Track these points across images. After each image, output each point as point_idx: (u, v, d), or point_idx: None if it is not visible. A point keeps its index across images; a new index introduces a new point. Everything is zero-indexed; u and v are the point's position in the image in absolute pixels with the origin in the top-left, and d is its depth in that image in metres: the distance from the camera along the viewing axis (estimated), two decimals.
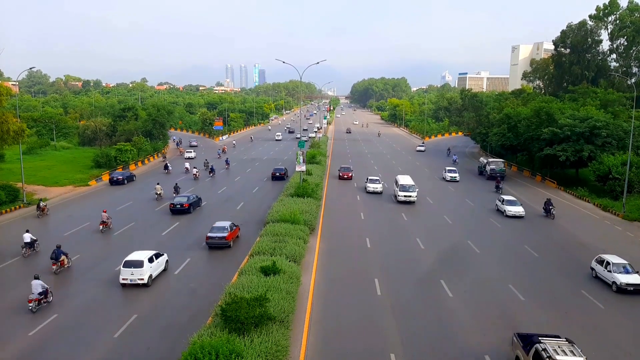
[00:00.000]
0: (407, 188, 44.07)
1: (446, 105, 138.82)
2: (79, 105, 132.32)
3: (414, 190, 43.74)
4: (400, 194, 43.92)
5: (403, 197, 43.53)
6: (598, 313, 22.14)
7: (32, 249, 29.17)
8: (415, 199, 43.46)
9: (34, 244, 29.29)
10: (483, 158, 67.43)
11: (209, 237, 30.43)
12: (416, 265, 27.97)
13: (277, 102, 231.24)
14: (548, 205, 40.40)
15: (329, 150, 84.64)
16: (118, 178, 52.99)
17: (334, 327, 20.16)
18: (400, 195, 43.84)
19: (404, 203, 43.45)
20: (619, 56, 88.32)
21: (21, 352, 18.11)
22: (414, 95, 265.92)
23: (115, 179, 52.92)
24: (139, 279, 23.89)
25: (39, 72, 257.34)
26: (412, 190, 43.74)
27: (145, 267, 24.06)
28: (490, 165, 58.66)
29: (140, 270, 23.92)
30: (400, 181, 45.87)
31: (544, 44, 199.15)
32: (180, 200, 39.37)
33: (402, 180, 45.91)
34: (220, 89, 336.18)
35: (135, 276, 23.88)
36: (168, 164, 63.33)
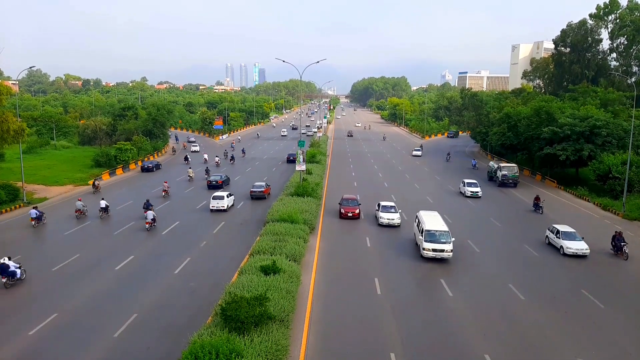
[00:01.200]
0: (439, 236, 27.94)
1: (446, 105, 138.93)
2: (79, 105, 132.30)
3: (448, 241, 27.59)
4: (428, 246, 27.66)
5: (432, 251, 27.43)
6: (598, 312, 22.13)
7: (107, 213, 38.05)
8: (450, 255, 27.61)
9: (107, 209, 38.17)
10: (493, 162, 59.34)
11: (252, 191, 44.77)
12: (416, 265, 27.99)
13: (277, 102, 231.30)
14: (619, 242, 30.14)
15: (329, 149, 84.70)
16: (149, 166, 61.82)
17: (334, 327, 20.17)
18: (427, 247, 27.65)
19: (433, 260, 27.99)
20: (619, 55, 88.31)
21: (21, 352, 18.15)
22: (414, 94, 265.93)
23: (146, 166, 61.63)
24: (221, 207, 39.27)
25: (38, 71, 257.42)
26: (446, 241, 27.58)
27: (225, 200, 39.71)
28: (502, 171, 53.48)
29: (222, 201, 39.38)
30: (426, 223, 29.08)
31: (544, 43, 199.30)
32: (215, 178, 50.75)
33: (430, 222, 29.32)
34: (220, 88, 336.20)
35: (219, 205, 39.31)
36: (188, 155, 71.55)
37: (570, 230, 31.12)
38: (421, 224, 29.52)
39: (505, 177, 53.09)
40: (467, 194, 47.12)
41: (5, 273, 23.74)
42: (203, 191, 48.39)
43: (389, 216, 35.37)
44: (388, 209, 36.32)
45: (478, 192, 46.94)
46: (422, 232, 28.60)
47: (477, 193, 46.93)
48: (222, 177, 50.92)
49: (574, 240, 30.10)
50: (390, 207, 36.64)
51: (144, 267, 26.98)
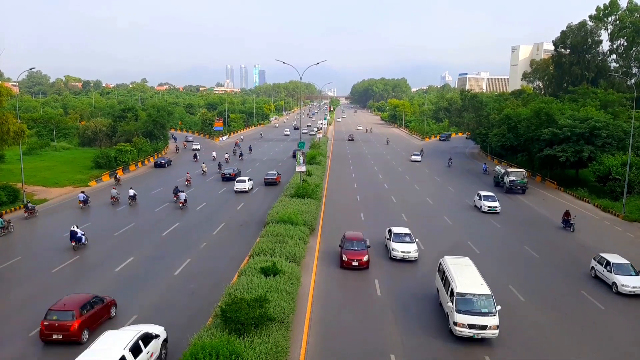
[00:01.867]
0: (478, 304, 19.24)
1: (446, 106, 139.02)
2: (79, 106, 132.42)
3: (492, 311, 18.99)
4: (462, 319, 18.95)
5: (468, 327, 18.82)
6: (598, 314, 22.12)
7: (134, 200, 43.29)
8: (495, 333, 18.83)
9: (135, 197, 43.62)
10: (500, 167, 56.77)
11: (266, 178, 53.38)
12: (416, 265, 27.97)
13: (277, 103, 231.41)
14: None
15: (329, 150, 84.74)
16: (161, 162, 67.37)
17: (334, 328, 20.16)
18: (460, 321, 18.95)
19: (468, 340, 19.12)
20: (619, 57, 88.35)
21: (21, 351, 18.15)
22: (414, 95, 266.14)
23: (159, 162, 67.27)
24: (244, 189, 47.95)
25: (39, 72, 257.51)
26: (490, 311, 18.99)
27: (247, 183, 48.79)
28: (510, 176, 50.49)
29: (244, 184, 48.37)
30: (456, 280, 20.24)
31: (543, 44, 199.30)
32: (229, 171, 56.75)
33: (462, 278, 20.43)
34: (220, 90, 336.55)
35: (242, 187, 48.10)
36: (197, 153, 76.80)
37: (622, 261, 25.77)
38: (450, 281, 20.39)
39: (513, 183, 50.11)
40: (484, 209, 41.45)
41: (74, 238, 29.78)
42: (218, 182, 55.09)
43: (404, 248, 28.69)
44: (402, 237, 29.61)
45: (496, 208, 41.32)
46: (452, 294, 19.57)
47: (496, 209, 41.29)
48: (234, 170, 57.32)
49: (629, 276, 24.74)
50: (405, 235, 29.95)
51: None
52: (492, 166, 65.46)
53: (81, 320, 18.65)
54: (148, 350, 16.40)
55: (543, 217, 40.85)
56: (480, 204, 42.36)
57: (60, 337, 18.27)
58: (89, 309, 19.32)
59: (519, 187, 50.15)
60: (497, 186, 53.58)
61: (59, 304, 19.17)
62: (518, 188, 50.17)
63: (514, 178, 50.34)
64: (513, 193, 50.18)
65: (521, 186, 50.17)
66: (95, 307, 19.69)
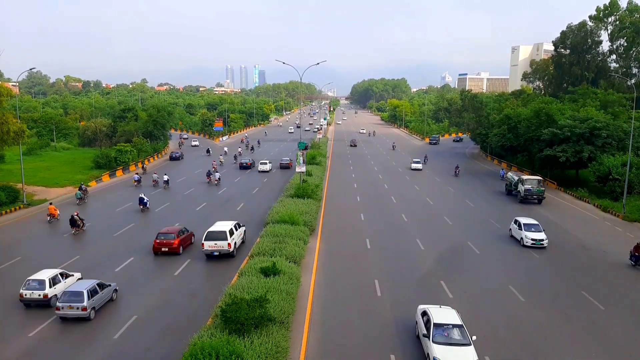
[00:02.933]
0: None
1: (446, 106, 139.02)
2: (79, 106, 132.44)
3: None
4: None
5: None
6: (598, 314, 22.10)
7: (168, 185, 51.64)
8: None
9: (168, 182, 51.91)
10: (512, 173, 51.34)
11: (281, 162, 65.95)
12: (417, 266, 27.97)
13: (277, 103, 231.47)
14: None
15: (329, 150, 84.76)
16: (176, 155, 74.61)
17: (334, 328, 20.15)
18: None
19: None
20: (619, 57, 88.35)
21: (21, 352, 18.16)
22: (414, 96, 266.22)
23: (174, 155, 74.42)
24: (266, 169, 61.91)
25: (39, 73, 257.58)
26: None
27: (268, 164, 62.59)
28: (525, 185, 45.25)
29: (266, 165, 62.11)
30: None
31: (543, 44, 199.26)
32: (245, 160, 66.39)
33: None
34: (221, 90, 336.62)
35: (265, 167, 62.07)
36: (209, 148, 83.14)
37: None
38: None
39: (529, 192, 44.95)
40: (527, 242, 31.16)
41: (142, 203, 40.42)
42: (237, 170, 64.82)
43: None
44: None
45: (543, 241, 31.15)
46: None
47: (542, 242, 31.10)
48: (250, 159, 67.60)
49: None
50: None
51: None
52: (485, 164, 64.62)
53: (179, 240, 29.05)
54: (240, 232, 30.44)
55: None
56: (520, 235, 32.03)
57: (166, 249, 28.70)
58: (182, 234, 29.74)
59: (535, 196, 45.07)
60: (509, 195, 49.07)
61: (164, 230, 29.80)
62: (534, 198, 45.15)
63: (530, 187, 45.07)
64: (528, 203, 45.24)
65: (538, 195, 45.08)
66: (185, 233, 30.22)
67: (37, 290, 21.51)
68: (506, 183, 50.87)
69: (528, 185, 45.33)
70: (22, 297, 21.65)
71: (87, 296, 20.24)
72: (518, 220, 33.36)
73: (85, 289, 20.44)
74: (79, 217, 33.81)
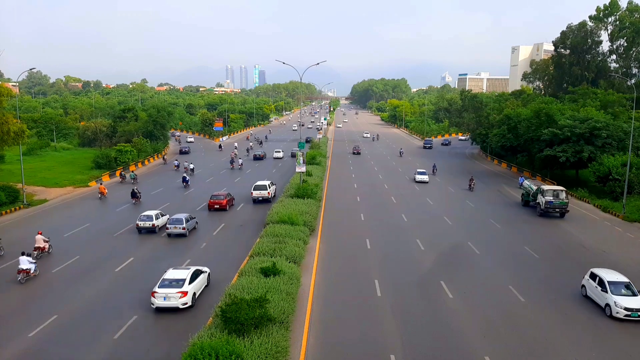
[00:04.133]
0: None
1: (446, 106, 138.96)
2: (79, 106, 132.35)
3: None
4: None
5: None
6: (598, 314, 22.08)
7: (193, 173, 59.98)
8: None
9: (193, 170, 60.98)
10: (529, 181, 45.63)
11: (292, 152, 74.96)
12: (417, 266, 27.96)
13: (277, 103, 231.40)
14: None
15: (329, 150, 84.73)
16: (185, 149, 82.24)
17: (334, 328, 20.15)
18: None
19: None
20: (619, 57, 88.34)
21: (21, 352, 18.16)
22: (414, 96, 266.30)
23: (183, 150, 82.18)
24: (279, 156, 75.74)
25: (39, 73, 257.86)
26: None
27: (281, 152, 77.43)
28: (545, 196, 39.32)
29: (280, 153, 76.39)
30: None
31: (543, 44, 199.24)
32: (259, 152, 76.32)
33: None
34: (221, 90, 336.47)
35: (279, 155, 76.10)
36: (221, 144, 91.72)
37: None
38: None
39: (550, 204, 39.10)
40: (617, 312, 20.97)
41: (185, 181, 51.85)
42: (251, 161, 74.01)
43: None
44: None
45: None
46: None
47: None
48: (262, 152, 77.50)
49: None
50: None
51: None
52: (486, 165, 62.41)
53: (227, 200, 40.85)
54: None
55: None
56: (606, 299, 21.71)
57: (218, 207, 40.19)
58: (229, 196, 41.67)
59: (558, 209, 39.32)
60: (526, 206, 43.73)
61: (216, 193, 42.19)
62: (556, 211, 39.46)
63: (552, 198, 39.27)
64: (548, 216, 40.03)
65: (560, 208, 39.24)
66: (230, 195, 42.30)
67: (148, 221, 33.51)
68: (523, 193, 45.24)
69: (549, 196, 39.50)
70: (138, 226, 33.56)
71: (185, 220, 32.86)
72: (598, 276, 22.82)
73: (183, 217, 33.20)
74: (138, 191, 44.67)
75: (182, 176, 53.33)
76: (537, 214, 40.57)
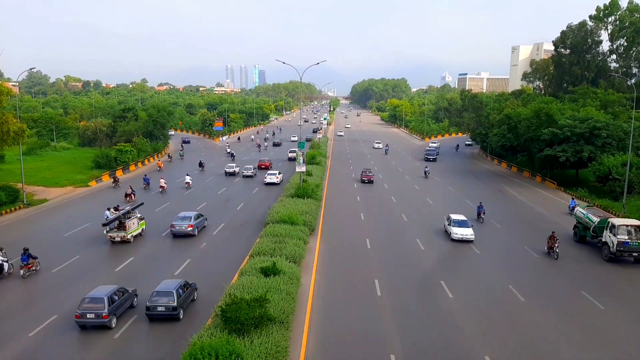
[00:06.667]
0: None
1: (446, 106, 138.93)
2: (79, 106, 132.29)
3: None
4: None
5: None
6: (598, 313, 22.10)
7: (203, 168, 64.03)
8: None
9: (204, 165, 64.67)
10: (586, 210, 33.41)
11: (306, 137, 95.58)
12: (416, 265, 27.96)
13: (277, 103, 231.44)
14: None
15: (329, 150, 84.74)
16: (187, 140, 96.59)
17: (334, 328, 20.16)
18: None
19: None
20: (619, 57, 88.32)
21: (20, 353, 18.16)
22: (414, 95, 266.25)
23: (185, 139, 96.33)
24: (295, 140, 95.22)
25: (39, 72, 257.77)
26: None
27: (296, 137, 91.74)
28: (619, 234, 28.59)
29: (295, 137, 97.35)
30: None
31: (543, 44, 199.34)
32: (277, 140, 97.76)
33: None
34: (220, 90, 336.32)
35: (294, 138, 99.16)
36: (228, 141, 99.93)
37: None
38: None
39: (625, 246, 28.39)
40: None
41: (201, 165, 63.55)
42: (272, 147, 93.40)
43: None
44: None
45: None
46: None
47: None
48: (280, 140, 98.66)
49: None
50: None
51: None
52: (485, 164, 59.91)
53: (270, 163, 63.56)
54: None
55: None
56: None
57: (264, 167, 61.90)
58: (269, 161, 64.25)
59: (636, 253, 28.43)
60: (581, 242, 32.66)
61: (262, 159, 66.29)
62: (633, 255, 28.55)
63: (627, 238, 28.50)
64: (623, 262, 29.06)
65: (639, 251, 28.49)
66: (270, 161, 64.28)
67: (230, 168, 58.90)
68: (576, 224, 33.55)
69: (623, 234, 28.66)
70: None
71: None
72: None
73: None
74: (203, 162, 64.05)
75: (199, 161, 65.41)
76: (604, 257, 29.33)
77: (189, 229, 31.27)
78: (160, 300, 20.09)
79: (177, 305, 20.07)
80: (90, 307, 19.33)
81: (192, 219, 31.87)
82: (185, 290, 21.42)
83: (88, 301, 19.56)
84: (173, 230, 31.32)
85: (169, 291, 20.35)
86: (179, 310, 20.27)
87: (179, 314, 20.24)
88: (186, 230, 31.33)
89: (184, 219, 31.82)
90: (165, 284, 21.38)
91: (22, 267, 25.29)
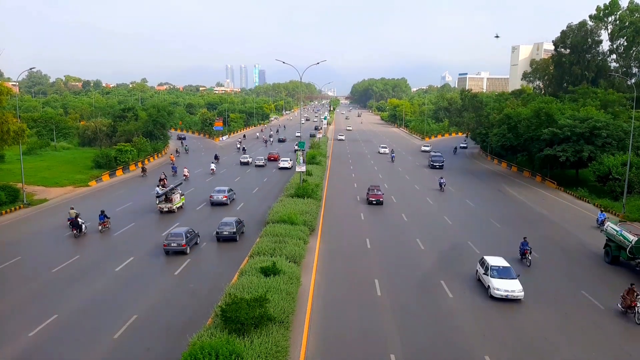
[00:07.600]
0: None
1: (446, 106, 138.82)
2: (79, 106, 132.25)
3: None
4: None
5: None
6: (597, 313, 22.09)
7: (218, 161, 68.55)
8: None
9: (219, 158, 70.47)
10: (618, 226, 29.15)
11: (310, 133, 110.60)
12: (416, 265, 27.96)
13: (277, 103, 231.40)
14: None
15: (329, 150, 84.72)
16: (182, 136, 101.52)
17: (334, 328, 20.16)
18: None
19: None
20: (619, 56, 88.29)
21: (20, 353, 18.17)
22: (414, 95, 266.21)
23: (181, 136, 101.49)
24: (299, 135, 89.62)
25: (39, 72, 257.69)
26: None
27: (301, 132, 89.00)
28: None
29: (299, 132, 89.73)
30: None
31: (544, 44, 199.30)
32: (282, 137, 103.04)
33: None
34: (221, 90, 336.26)
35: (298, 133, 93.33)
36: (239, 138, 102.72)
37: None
38: None
39: None
40: None
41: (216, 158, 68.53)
42: (277, 142, 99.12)
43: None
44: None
45: None
46: None
47: None
48: (284, 136, 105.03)
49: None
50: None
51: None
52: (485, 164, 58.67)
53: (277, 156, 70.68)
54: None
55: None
56: None
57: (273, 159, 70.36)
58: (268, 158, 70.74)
59: None
60: (613, 263, 28.56)
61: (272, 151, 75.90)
62: None
63: None
64: None
65: None
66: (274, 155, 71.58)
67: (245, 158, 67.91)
68: (607, 242, 29.42)
69: None
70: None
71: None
72: None
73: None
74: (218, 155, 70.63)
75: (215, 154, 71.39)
76: None
77: (223, 199, 40.81)
78: (225, 228, 31.14)
79: (235, 231, 31.13)
80: (174, 239, 28.38)
81: (226, 192, 41.57)
82: (239, 223, 32.30)
83: (171, 235, 28.73)
84: (212, 199, 40.47)
85: (230, 222, 31.48)
86: (237, 234, 31.36)
87: (236, 237, 31.29)
88: (221, 199, 40.92)
89: (219, 192, 41.49)
90: (226, 219, 32.26)
91: (100, 224, 33.78)
